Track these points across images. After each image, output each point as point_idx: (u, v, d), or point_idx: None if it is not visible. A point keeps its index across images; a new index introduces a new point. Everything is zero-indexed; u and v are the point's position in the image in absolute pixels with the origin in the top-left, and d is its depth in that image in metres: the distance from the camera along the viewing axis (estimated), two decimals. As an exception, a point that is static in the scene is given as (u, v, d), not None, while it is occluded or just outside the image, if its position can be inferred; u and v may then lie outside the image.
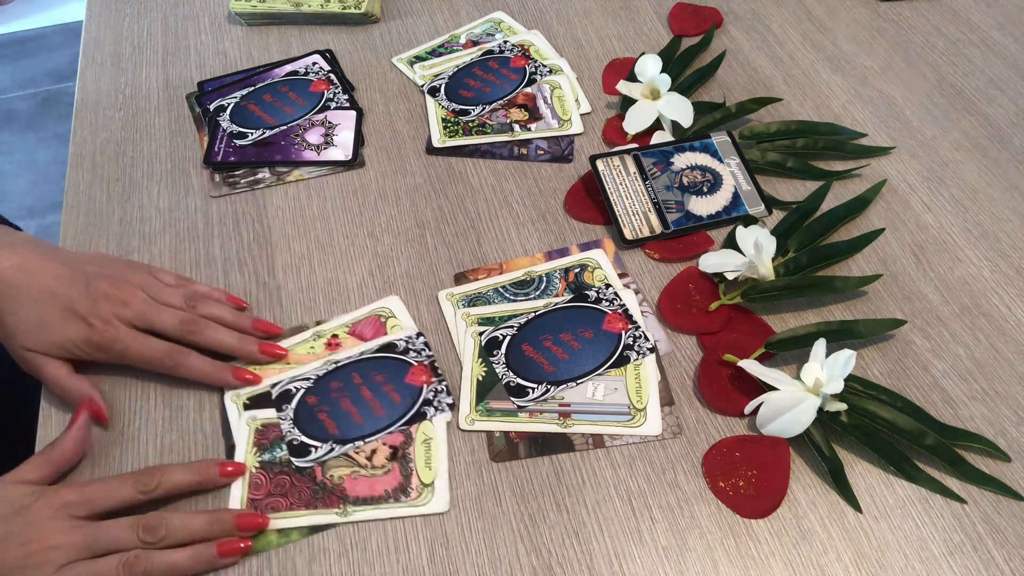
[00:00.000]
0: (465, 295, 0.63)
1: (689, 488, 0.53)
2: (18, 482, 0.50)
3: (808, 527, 0.52)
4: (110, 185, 0.71)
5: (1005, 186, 0.70)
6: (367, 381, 0.58)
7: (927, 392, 0.57)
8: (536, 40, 0.83)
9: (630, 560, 0.50)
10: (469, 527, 0.52)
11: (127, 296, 0.56)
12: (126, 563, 0.47)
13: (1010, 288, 0.63)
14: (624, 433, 0.55)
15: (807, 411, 0.54)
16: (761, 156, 0.71)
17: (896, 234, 0.67)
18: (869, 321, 0.60)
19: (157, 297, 0.57)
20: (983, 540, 0.51)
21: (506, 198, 0.70)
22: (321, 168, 0.72)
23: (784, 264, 0.63)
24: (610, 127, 0.75)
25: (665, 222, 0.67)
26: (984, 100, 0.76)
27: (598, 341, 0.59)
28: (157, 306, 0.57)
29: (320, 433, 0.55)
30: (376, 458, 0.54)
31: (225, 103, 0.77)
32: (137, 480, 0.51)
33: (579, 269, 0.64)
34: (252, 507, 0.52)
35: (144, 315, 0.56)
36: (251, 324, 0.59)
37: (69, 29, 2.14)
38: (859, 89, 0.78)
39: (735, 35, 0.83)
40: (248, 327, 0.59)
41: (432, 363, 0.59)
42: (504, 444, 0.55)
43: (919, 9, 0.85)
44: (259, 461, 0.54)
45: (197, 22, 0.86)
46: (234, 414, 0.56)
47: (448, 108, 0.76)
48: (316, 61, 0.81)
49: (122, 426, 0.57)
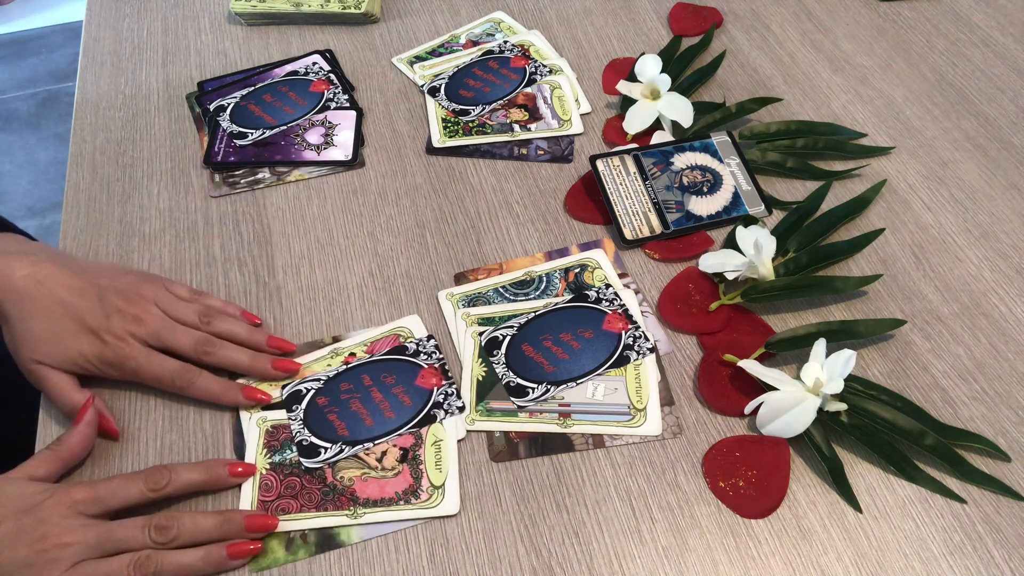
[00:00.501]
0: (465, 295, 0.63)
1: (689, 488, 0.53)
2: (28, 478, 0.50)
3: (808, 527, 0.52)
4: (110, 185, 0.71)
5: (1005, 186, 0.70)
6: (377, 383, 0.58)
7: (927, 392, 0.57)
8: (536, 40, 0.83)
9: (630, 560, 0.50)
10: (469, 527, 0.52)
11: (141, 312, 0.55)
12: (137, 563, 0.47)
13: (1010, 288, 0.63)
14: (624, 433, 0.55)
15: (807, 411, 0.54)
16: (761, 156, 0.71)
17: (896, 234, 0.67)
18: (869, 321, 0.60)
19: (171, 313, 0.57)
20: (983, 540, 0.51)
21: (506, 198, 0.70)
22: (321, 168, 0.72)
23: (784, 264, 0.63)
24: (610, 127, 0.75)
25: (665, 222, 0.67)
26: (984, 100, 0.76)
27: (598, 341, 0.59)
28: (172, 324, 0.56)
29: (330, 434, 0.55)
30: (386, 460, 0.54)
31: (225, 103, 0.77)
32: (147, 479, 0.50)
33: (579, 269, 0.64)
34: (263, 508, 0.52)
35: (158, 334, 0.56)
36: (266, 341, 0.59)
37: (69, 29, 2.14)
38: (859, 89, 0.78)
39: (735, 35, 0.83)
40: (262, 344, 0.59)
41: (443, 365, 0.59)
42: (504, 444, 0.55)
43: (919, 9, 0.85)
44: (269, 463, 0.54)
45: (197, 22, 0.86)
46: (245, 415, 0.56)
47: (448, 108, 0.76)
48: (316, 61, 0.81)
49: (122, 426, 0.57)
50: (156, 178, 0.72)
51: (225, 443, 0.56)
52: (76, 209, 0.69)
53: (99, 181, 0.72)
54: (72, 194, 0.71)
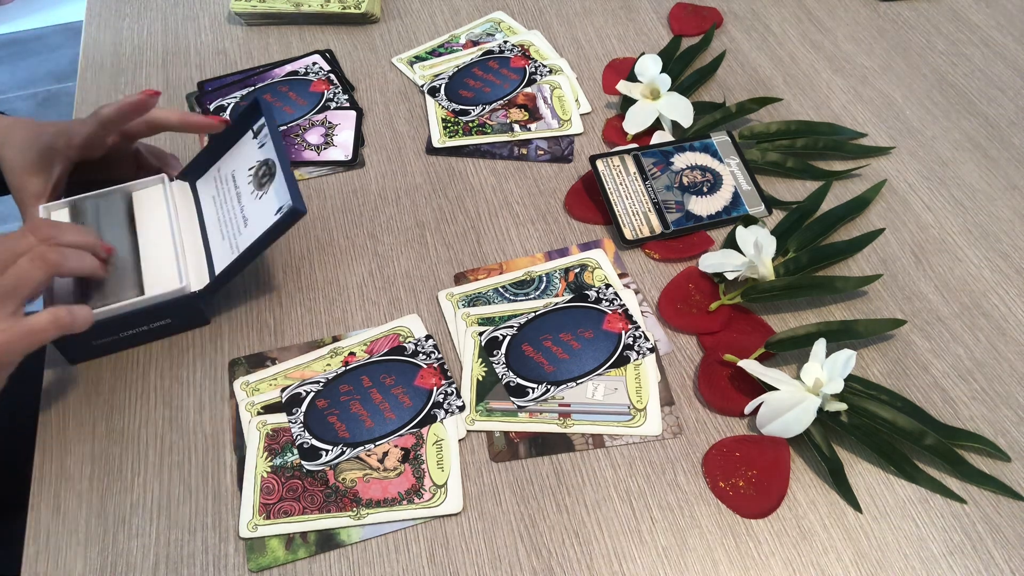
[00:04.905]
0: (465, 295, 0.63)
1: (689, 488, 0.53)
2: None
3: (808, 527, 0.52)
4: (110, 185, 0.71)
5: (1005, 186, 0.70)
6: (376, 384, 0.58)
7: (927, 392, 0.57)
8: (536, 40, 0.83)
9: (630, 560, 0.50)
10: (469, 527, 0.52)
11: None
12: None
13: (1010, 288, 0.63)
14: (624, 433, 0.55)
15: (807, 411, 0.54)
16: (761, 156, 0.71)
17: (896, 234, 0.67)
18: (869, 321, 0.60)
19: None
20: (983, 540, 0.51)
21: (506, 198, 0.70)
22: (321, 168, 0.72)
23: (784, 264, 0.63)
24: (610, 127, 0.75)
25: (665, 222, 0.67)
26: (984, 100, 0.76)
27: (598, 341, 0.59)
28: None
29: (331, 436, 0.55)
30: (388, 460, 0.54)
31: (225, 103, 0.77)
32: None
33: (579, 269, 0.64)
34: (264, 511, 0.52)
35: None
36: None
37: (69, 29, 2.14)
38: (859, 89, 0.78)
39: (735, 35, 0.83)
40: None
41: (441, 365, 0.59)
42: (504, 444, 0.55)
43: (919, 9, 0.85)
44: (271, 466, 0.54)
45: (197, 22, 0.86)
46: (245, 418, 0.56)
47: (448, 108, 0.76)
48: (316, 61, 0.81)
49: (122, 426, 0.57)
50: (156, 178, 0.72)
51: (225, 443, 0.56)
52: (76, 209, 0.69)
53: (99, 181, 0.72)
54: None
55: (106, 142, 0.61)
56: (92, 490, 0.54)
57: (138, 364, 0.60)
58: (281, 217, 0.57)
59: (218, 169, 0.65)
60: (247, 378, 0.58)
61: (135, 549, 0.51)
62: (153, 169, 0.66)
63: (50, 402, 0.58)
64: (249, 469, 0.54)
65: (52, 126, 0.59)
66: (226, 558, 0.51)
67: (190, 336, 0.61)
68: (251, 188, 0.61)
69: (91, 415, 0.57)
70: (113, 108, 0.59)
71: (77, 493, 0.54)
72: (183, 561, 0.51)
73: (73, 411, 0.58)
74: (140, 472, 0.55)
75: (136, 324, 0.58)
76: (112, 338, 0.59)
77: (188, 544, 0.51)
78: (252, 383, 0.58)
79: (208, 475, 0.54)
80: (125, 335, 0.59)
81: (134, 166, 0.66)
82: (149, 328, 0.59)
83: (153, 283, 0.58)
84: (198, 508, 0.53)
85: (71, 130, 0.59)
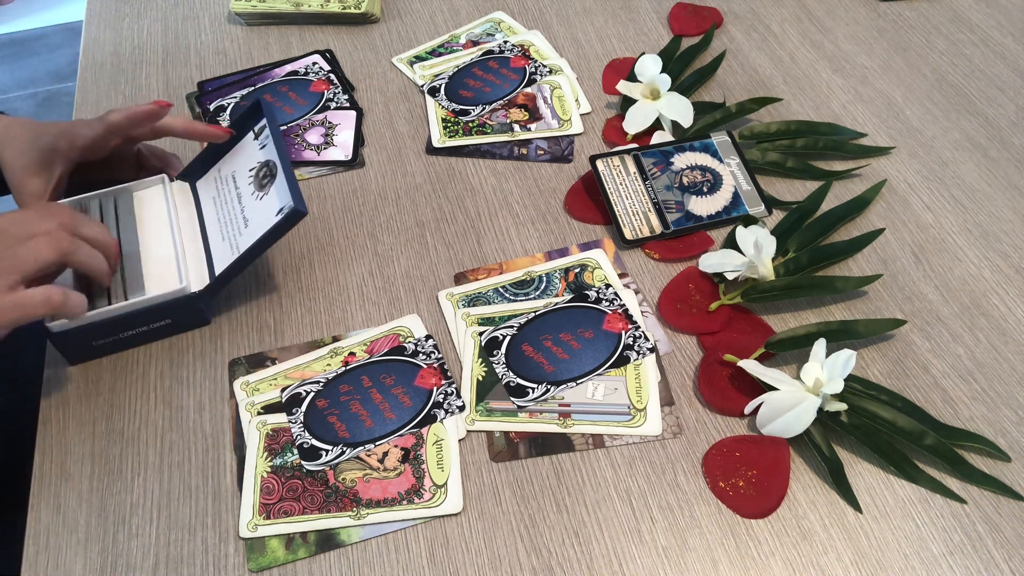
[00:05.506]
0: (465, 295, 0.63)
1: (689, 488, 0.53)
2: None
3: (808, 527, 0.52)
4: (110, 185, 0.71)
5: (1005, 186, 0.70)
6: (376, 384, 0.58)
7: (927, 392, 0.57)
8: (536, 40, 0.83)
9: (630, 560, 0.50)
10: (469, 527, 0.52)
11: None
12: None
13: (1010, 288, 0.63)
14: (624, 433, 0.55)
15: (807, 411, 0.54)
16: (761, 156, 0.71)
17: (896, 234, 0.67)
18: (869, 321, 0.60)
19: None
20: (983, 540, 0.51)
21: (506, 198, 0.70)
22: (321, 168, 0.72)
23: (784, 264, 0.63)
24: (610, 127, 0.75)
25: (665, 222, 0.67)
26: (984, 100, 0.76)
27: (598, 341, 0.59)
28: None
29: (331, 436, 0.55)
30: (388, 460, 0.54)
31: (225, 103, 0.77)
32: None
33: (579, 269, 0.64)
34: (264, 511, 0.52)
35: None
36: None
37: (69, 29, 2.14)
38: (859, 89, 0.78)
39: (735, 35, 0.83)
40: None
41: (441, 365, 0.59)
42: (504, 444, 0.55)
43: (919, 9, 0.85)
44: (270, 466, 0.54)
45: (197, 22, 0.86)
46: (245, 418, 0.56)
47: (448, 108, 0.76)
48: (316, 61, 0.81)
49: (122, 426, 0.57)
50: (156, 178, 0.72)
51: (225, 443, 0.56)
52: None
53: (99, 181, 0.71)
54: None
55: (109, 145, 0.61)
56: (92, 490, 0.54)
57: (138, 364, 0.60)
58: (282, 218, 0.57)
59: (218, 170, 0.65)
60: (247, 378, 0.58)
61: (135, 549, 0.51)
62: (155, 170, 0.66)
63: (50, 402, 0.58)
64: (249, 469, 0.54)
65: (54, 127, 0.59)
66: (226, 558, 0.51)
67: (190, 336, 0.61)
68: (252, 189, 0.61)
69: (91, 415, 0.57)
70: (123, 115, 0.59)
71: (77, 493, 0.54)
72: (183, 561, 0.51)
73: (73, 411, 0.58)
74: (140, 472, 0.55)
75: (136, 324, 0.59)
76: (112, 338, 0.59)
77: (188, 544, 0.51)
78: (252, 383, 0.58)
79: (208, 475, 0.54)
80: (125, 335, 0.59)
81: (135, 166, 0.66)
82: (149, 328, 0.59)
83: (153, 283, 0.58)
84: (198, 508, 0.53)
85: (74, 132, 0.59)
